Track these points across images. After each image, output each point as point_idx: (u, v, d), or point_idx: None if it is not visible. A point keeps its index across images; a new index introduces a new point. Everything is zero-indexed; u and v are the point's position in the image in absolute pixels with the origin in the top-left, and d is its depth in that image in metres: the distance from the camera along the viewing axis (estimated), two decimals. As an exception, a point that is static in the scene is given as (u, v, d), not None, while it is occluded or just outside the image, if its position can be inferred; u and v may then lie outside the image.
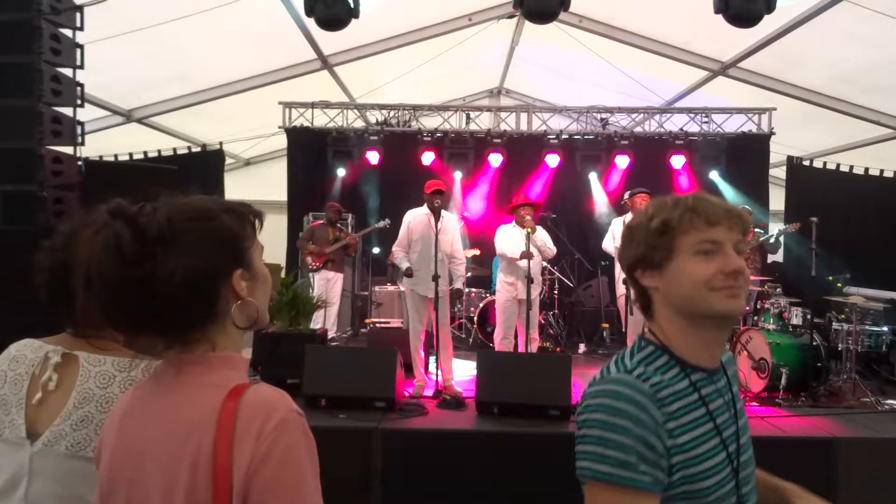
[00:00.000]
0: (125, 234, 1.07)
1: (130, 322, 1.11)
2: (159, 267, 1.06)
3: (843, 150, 9.71)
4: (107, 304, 1.09)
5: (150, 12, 5.97)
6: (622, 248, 1.40)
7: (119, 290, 1.07)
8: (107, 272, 1.07)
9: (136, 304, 1.08)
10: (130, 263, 1.06)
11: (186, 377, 1.14)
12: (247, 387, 1.10)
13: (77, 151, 4.63)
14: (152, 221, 1.09)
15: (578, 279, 9.55)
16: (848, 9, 6.08)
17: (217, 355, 1.15)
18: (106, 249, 1.07)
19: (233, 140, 10.01)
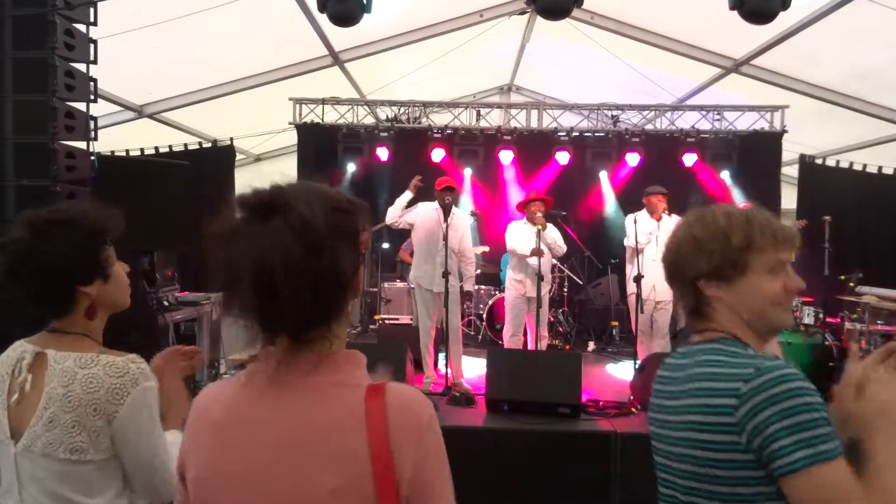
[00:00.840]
0: (302, 225, 1.05)
1: (294, 317, 1.06)
2: (338, 255, 1.06)
3: (857, 149, 9.62)
4: (281, 299, 1.03)
5: (162, 8, 5.98)
6: (686, 257, 1.45)
7: (304, 280, 1.03)
8: (295, 262, 1.03)
9: (316, 295, 1.05)
10: (315, 252, 1.04)
11: (313, 378, 1.10)
12: (386, 385, 1.09)
13: (90, 146, 4.65)
14: (312, 212, 1.07)
15: (588, 277, 9.53)
16: (863, 6, 6.01)
17: (342, 353, 1.13)
18: (287, 242, 1.03)
19: (243, 136, 10.03)
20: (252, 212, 1.08)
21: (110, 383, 1.55)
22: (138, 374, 1.59)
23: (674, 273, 1.49)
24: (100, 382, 1.55)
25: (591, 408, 4.92)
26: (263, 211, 1.07)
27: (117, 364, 1.58)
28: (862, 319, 6.36)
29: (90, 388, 1.54)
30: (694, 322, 1.48)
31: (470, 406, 5.06)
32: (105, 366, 1.57)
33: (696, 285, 1.44)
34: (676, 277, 1.49)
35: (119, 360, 1.59)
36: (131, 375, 1.58)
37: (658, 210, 6.46)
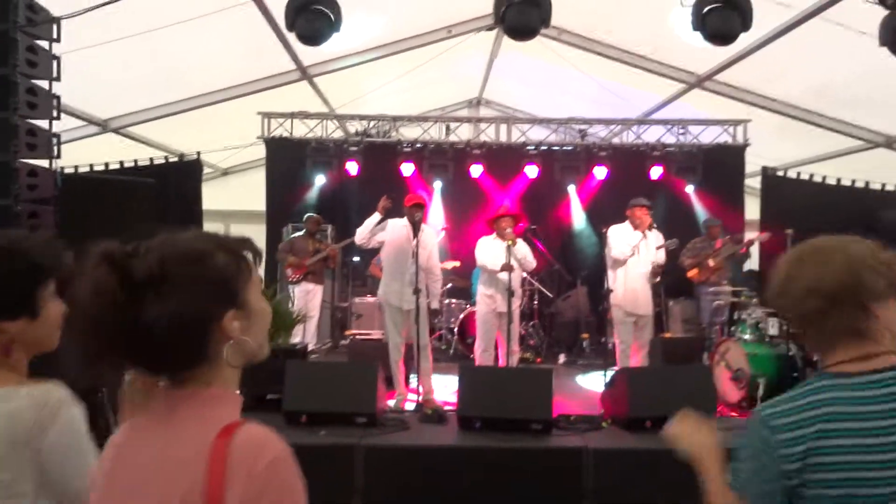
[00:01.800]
0: (111, 281, 1.07)
1: (115, 362, 1.12)
2: (146, 312, 1.06)
3: (817, 161, 9.89)
4: (90, 346, 1.09)
5: (129, 22, 5.89)
6: (866, 280, 1.44)
7: (105, 333, 1.07)
8: (93, 316, 1.07)
9: (123, 346, 1.08)
10: (116, 309, 1.06)
11: (179, 413, 1.13)
12: (238, 425, 1.09)
13: (52, 164, 4.56)
14: (142, 265, 1.08)
15: (558, 290, 9.60)
16: (821, 25, 6.19)
17: (210, 392, 1.14)
18: (91, 295, 1.07)
19: (211, 150, 9.91)
20: (93, 262, 1.11)
21: (32, 415, 1.49)
22: (59, 403, 1.53)
23: (841, 295, 1.44)
24: (21, 415, 1.49)
25: (563, 423, 4.94)
26: (95, 260, 1.09)
27: (37, 394, 1.52)
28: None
29: (12, 422, 1.49)
30: (851, 345, 1.45)
31: (442, 423, 5.04)
32: (25, 397, 1.52)
33: (866, 306, 1.43)
34: (843, 299, 1.43)
35: (38, 391, 1.53)
36: (52, 404, 1.52)
37: (644, 223, 6.56)
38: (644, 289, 6.62)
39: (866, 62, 6.21)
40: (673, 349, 7.58)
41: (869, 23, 5.02)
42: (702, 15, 4.33)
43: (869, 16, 4.93)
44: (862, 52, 5.88)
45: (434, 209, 9.76)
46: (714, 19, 4.32)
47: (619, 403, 4.95)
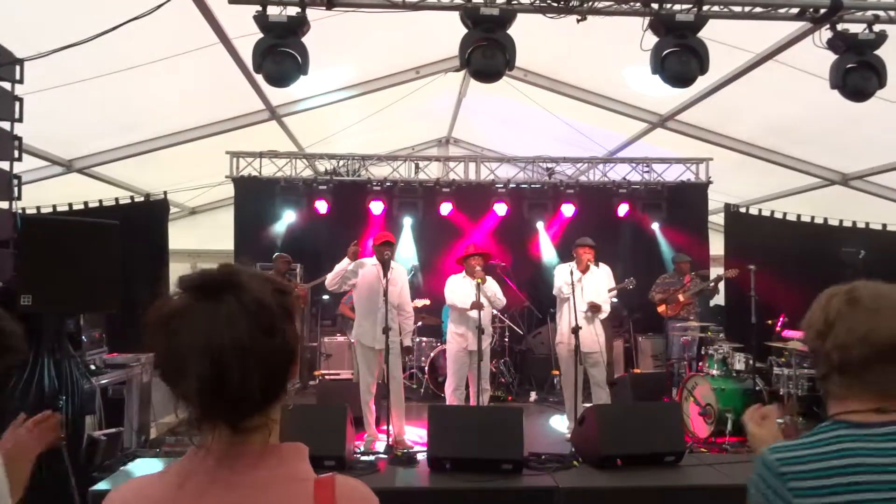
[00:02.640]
0: (253, 304, 1.04)
1: (241, 403, 1.03)
2: (288, 335, 1.07)
3: (778, 198, 10.16)
4: (231, 384, 1.00)
5: (94, 63, 5.88)
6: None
7: (256, 363, 1.02)
8: (249, 344, 1.02)
9: (266, 378, 1.04)
10: (269, 333, 1.04)
11: (258, 473, 1.07)
12: (335, 478, 1.09)
13: (13, 206, 4.48)
14: (263, 292, 1.06)
15: (528, 327, 9.63)
16: (775, 67, 6.42)
17: (286, 445, 1.12)
18: (248, 319, 1.03)
19: (178, 189, 9.84)
20: (199, 292, 1.04)
21: None
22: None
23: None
24: None
25: (533, 462, 4.90)
26: (213, 291, 1.04)
27: None
28: (789, 364, 6.60)
29: None
30: (868, 397, 1.39)
31: (412, 465, 4.96)
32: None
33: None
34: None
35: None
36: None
37: (582, 261, 6.58)
38: (589, 327, 6.45)
39: (819, 103, 6.44)
40: (642, 384, 7.64)
41: (821, 66, 5.21)
42: (661, 58, 4.46)
43: (820, 59, 5.12)
44: (815, 93, 6.11)
45: (405, 246, 9.78)
46: (672, 63, 4.45)
47: (590, 441, 4.93)
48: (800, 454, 1.35)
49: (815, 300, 1.49)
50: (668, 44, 4.53)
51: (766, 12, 4.89)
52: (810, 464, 1.33)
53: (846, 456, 1.32)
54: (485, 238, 9.76)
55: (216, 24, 5.71)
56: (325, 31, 5.40)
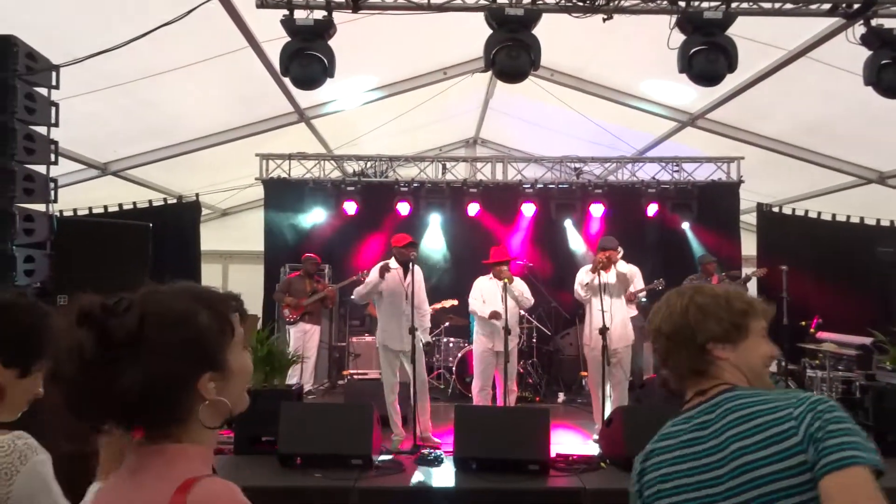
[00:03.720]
0: (88, 341, 1.07)
1: (91, 419, 1.12)
2: (120, 374, 1.06)
3: (810, 198, 9.96)
4: (70, 402, 1.09)
5: (129, 68, 6.01)
6: (696, 323, 1.57)
7: (81, 391, 1.07)
8: (69, 374, 1.07)
9: (98, 405, 1.08)
10: (92, 369, 1.06)
11: (145, 470, 1.12)
12: (197, 480, 1.07)
13: (49, 209, 4.61)
14: (122, 324, 1.08)
15: (556, 327, 9.58)
16: (808, 65, 6.31)
17: (177, 448, 1.13)
18: (68, 353, 1.07)
19: (209, 192, 10.01)
20: (74, 319, 1.10)
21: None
22: (25, 450, 1.54)
23: (678, 337, 1.58)
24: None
25: (560, 463, 4.88)
26: (75, 318, 1.09)
27: (2, 443, 1.52)
28: (823, 366, 6.47)
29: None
30: (695, 382, 1.58)
31: (438, 465, 4.98)
32: (13, 451, 1.52)
33: (704, 348, 1.55)
34: (680, 341, 1.58)
35: (4, 439, 1.54)
36: (18, 452, 1.52)
37: (595, 265, 6.43)
38: (616, 322, 6.34)
39: (854, 100, 6.31)
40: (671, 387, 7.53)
41: (855, 62, 5.11)
42: (688, 57, 4.41)
43: (854, 55, 5.02)
44: (849, 90, 5.98)
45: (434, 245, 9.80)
46: (700, 61, 4.40)
47: (617, 443, 4.90)
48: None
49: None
50: (695, 42, 4.48)
51: (797, 8, 4.81)
52: (646, 451, 1.60)
53: (659, 440, 1.58)
54: (512, 239, 9.73)
55: (245, 29, 5.80)
56: (352, 34, 5.45)
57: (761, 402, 1.43)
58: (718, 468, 1.42)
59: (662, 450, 1.55)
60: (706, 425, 1.49)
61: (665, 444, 1.55)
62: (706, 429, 1.48)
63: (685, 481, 1.47)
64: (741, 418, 1.42)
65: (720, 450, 1.43)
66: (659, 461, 1.54)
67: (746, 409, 1.43)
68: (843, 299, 8.12)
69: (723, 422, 1.45)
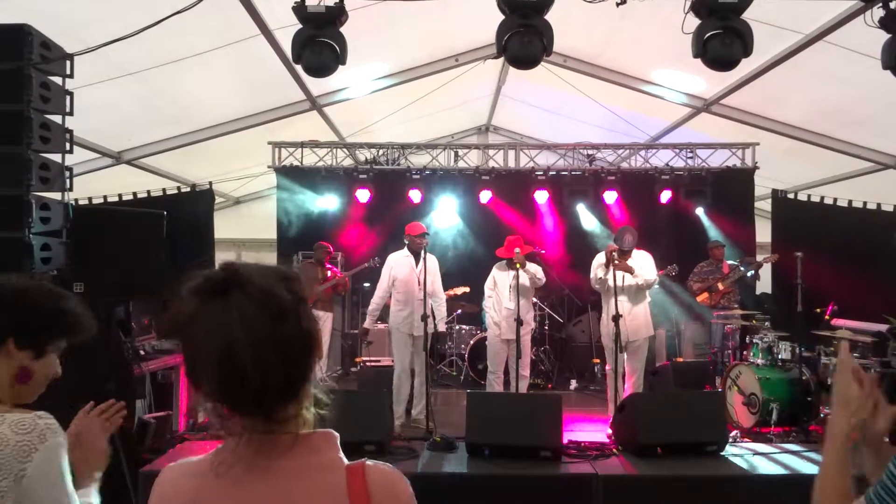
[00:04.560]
0: (272, 296, 1.05)
1: (267, 393, 1.04)
2: (302, 319, 1.07)
3: (826, 184, 9.86)
4: (251, 376, 1.02)
5: (142, 57, 6.04)
6: None
7: (272, 351, 1.03)
8: (262, 334, 1.03)
9: (286, 363, 1.04)
10: (281, 319, 1.04)
11: (290, 462, 1.09)
12: (364, 465, 1.10)
13: (65, 197, 4.65)
14: (269, 282, 1.07)
15: (568, 314, 9.57)
16: (825, 49, 6.22)
17: (316, 434, 1.13)
18: (257, 309, 1.03)
19: (222, 180, 10.05)
20: (206, 294, 1.06)
21: (17, 440, 1.50)
22: (45, 430, 1.54)
23: None
24: (6, 441, 1.50)
25: (573, 450, 4.89)
26: (219, 291, 1.05)
27: (24, 421, 1.53)
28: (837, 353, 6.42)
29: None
30: None
31: (451, 451, 5.00)
32: (11, 424, 1.52)
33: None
34: None
35: (26, 417, 1.55)
36: (38, 431, 1.53)
37: (608, 257, 6.30)
38: (627, 315, 6.33)
39: (872, 85, 6.22)
40: (684, 373, 7.54)
41: (873, 46, 5.03)
42: (703, 41, 4.36)
43: (872, 39, 4.94)
44: (867, 74, 5.89)
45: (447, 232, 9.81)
46: (715, 46, 4.34)
47: (630, 430, 4.90)
48: None
49: None
50: (710, 26, 4.42)
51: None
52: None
53: None
54: (524, 226, 9.69)
55: (257, 16, 5.80)
56: (364, 21, 5.44)
57: None
58: None
59: None
60: None
61: None
62: None
63: None
64: None
65: None
66: None
67: None
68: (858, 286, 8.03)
69: None
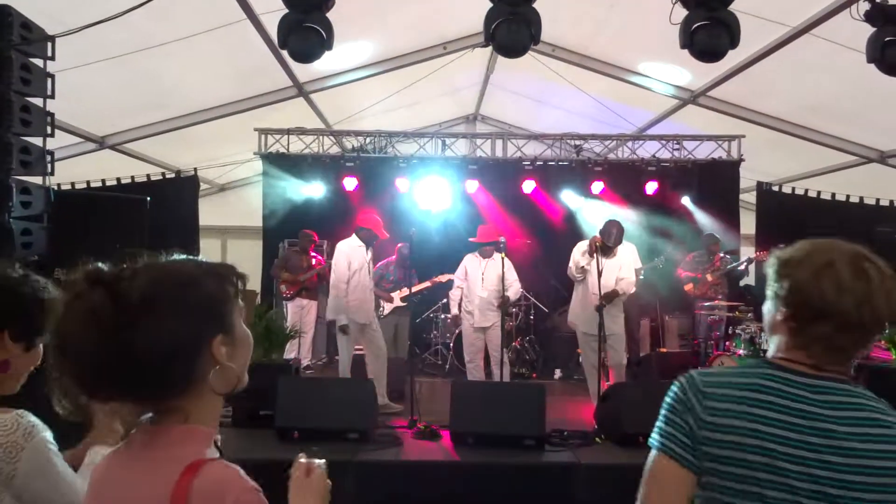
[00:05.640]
0: (105, 303, 1.05)
1: (107, 392, 1.10)
2: (139, 336, 1.05)
3: (812, 176, 9.93)
4: (83, 375, 1.07)
5: (126, 40, 5.95)
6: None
7: (96, 360, 1.05)
8: (84, 342, 1.05)
9: (114, 373, 1.06)
10: (110, 333, 1.04)
11: (152, 450, 1.12)
12: (202, 463, 1.07)
13: (46, 181, 4.59)
14: (133, 287, 1.07)
15: (553, 304, 9.60)
16: (811, 41, 6.25)
17: (183, 428, 1.13)
18: (84, 319, 1.05)
19: (207, 166, 9.96)
20: (73, 289, 1.09)
21: (1, 442, 1.50)
22: (29, 428, 1.54)
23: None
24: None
25: (556, 438, 4.93)
26: (85, 284, 1.08)
27: (5, 422, 1.53)
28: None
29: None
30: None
31: (435, 439, 5.02)
32: (23, 432, 1.52)
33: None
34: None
35: (7, 418, 1.54)
36: (23, 430, 1.53)
37: (591, 247, 6.28)
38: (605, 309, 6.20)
39: (857, 78, 6.26)
40: (667, 363, 7.59)
41: (858, 39, 5.06)
42: (690, 32, 4.36)
43: (858, 32, 4.97)
44: (852, 68, 5.93)
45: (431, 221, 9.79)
46: (702, 37, 4.35)
47: (613, 419, 4.94)
48: (724, 379, 1.46)
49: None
50: (697, 17, 4.43)
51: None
52: (730, 389, 1.43)
53: (763, 391, 1.41)
54: (511, 215, 9.69)
55: (243, 0, 5.73)
56: (351, 6, 5.38)
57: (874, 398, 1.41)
58: (832, 454, 1.34)
59: (759, 403, 1.39)
60: (821, 405, 1.38)
61: (765, 400, 1.40)
62: (824, 409, 1.37)
63: (784, 449, 1.35)
64: (868, 420, 1.36)
65: (841, 438, 1.34)
66: (755, 414, 1.38)
67: (879, 413, 1.38)
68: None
69: (847, 414, 1.37)
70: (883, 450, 1.34)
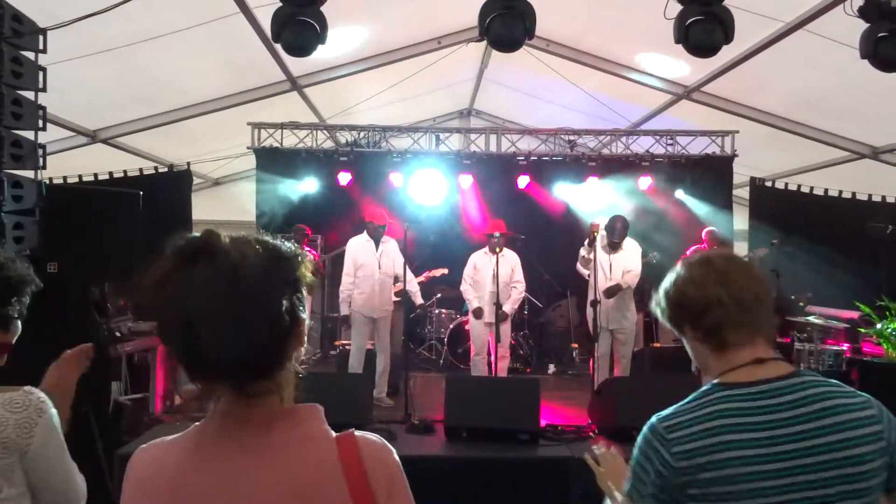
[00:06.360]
0: (250, 269, 1.02)
1: (227, 367, 1.03)
2: (272, 303, 1.04)
3: (804, 172, 9.96)
4: (214, 344, 1.00)
5: (118, 33, 5.91)
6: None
7: (232, 329, 1.00)
8: (222, 310, 1.00)
9: (249, 344, 1.02)
10: (244, 299, 1.02)
11: (275, 435, 1.08)
12: (354, 436, 1.11)
13: (38, 175, 4.55)
14: (244, 257, 1.04)
15: (548, 299, 9.62)
16: (805, 37, 6.26)
17: (301, 406, 1.13)
18: (221, 284, 1.01)
19: (201, 160, 9.91)
20: (179, 258, 1.04)
21: (16, 419, 1.54)
22: (40, 404, 1.59)
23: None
24: (5, 421, 1.53)
25: (550, 433, 4.94)
26: (189, 257, 1.03)
27: (16, 399, 1.56)
28: (811, 339, 6.54)
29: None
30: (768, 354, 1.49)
31: (429, 433, 5.03)
32: (3, 404, 1.55)
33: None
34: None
35: (16, 395, 1.58)
36: (34, 406, 1.57)
37: (591, 240, 6.40)
38: (615, 303, 6.46)
39: (850, 74, 6.28)
40: (661, 359, 7.61)
41: (852, 35, 5.07)
42: (684, 27, 4.36)
43: (851, 28, 4.98)
44: (846, 64, 5.95)
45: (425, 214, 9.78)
46: (697, 32, 4.35)
47: (607, 413, 4.95)
48: (682, 419, 1.42)
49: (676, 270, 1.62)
50: (692, 12, 4.43)
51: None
52: (690, 427, 1.39)
53: (719, 417, 1.39)
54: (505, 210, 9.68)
55: (236, -6, 5.70)
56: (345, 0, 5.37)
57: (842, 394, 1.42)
58: (804, 457, 1.35)
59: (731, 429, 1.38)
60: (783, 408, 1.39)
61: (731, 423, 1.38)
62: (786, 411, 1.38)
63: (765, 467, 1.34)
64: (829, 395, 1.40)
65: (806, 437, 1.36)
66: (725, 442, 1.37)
67: (832, 387, 1.42)
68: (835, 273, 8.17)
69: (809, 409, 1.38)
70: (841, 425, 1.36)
